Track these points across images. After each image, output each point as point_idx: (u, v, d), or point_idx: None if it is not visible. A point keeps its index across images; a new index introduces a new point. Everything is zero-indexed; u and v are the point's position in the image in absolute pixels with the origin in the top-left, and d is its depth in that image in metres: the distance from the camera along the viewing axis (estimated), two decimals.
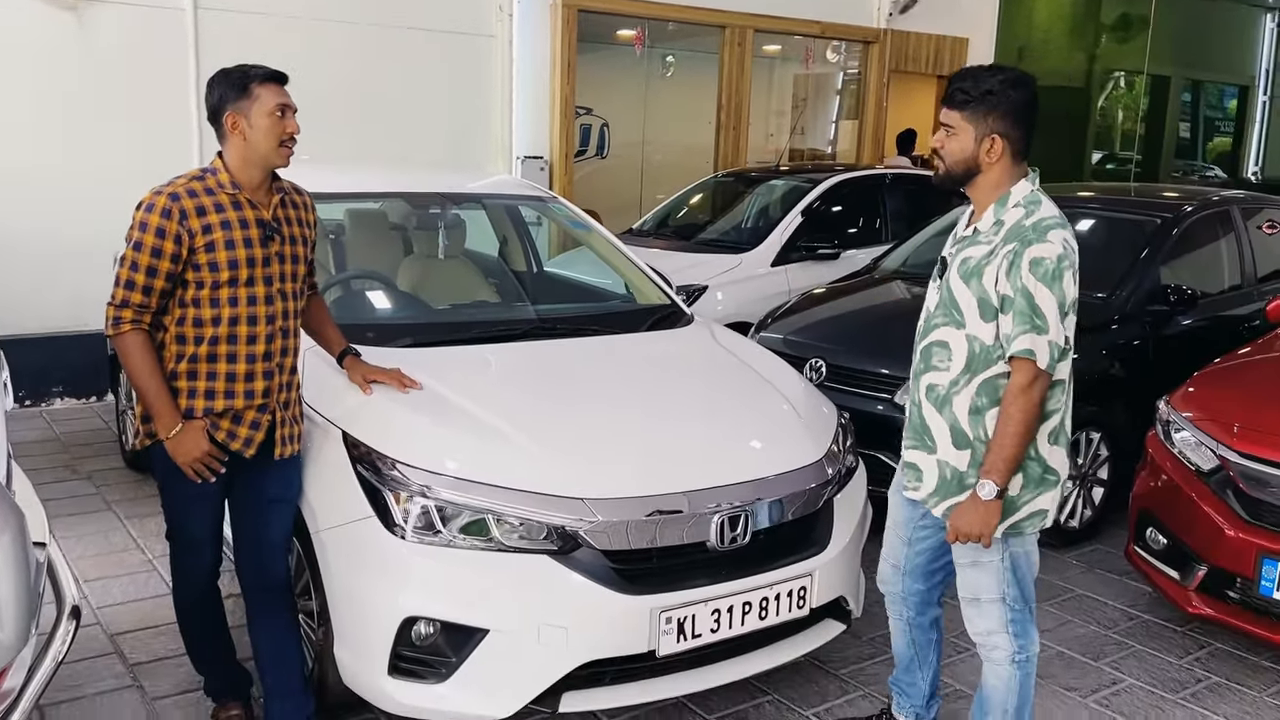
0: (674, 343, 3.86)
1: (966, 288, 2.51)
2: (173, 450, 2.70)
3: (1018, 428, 2.43)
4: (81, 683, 3.33)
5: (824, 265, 6.71)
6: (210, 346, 2.70)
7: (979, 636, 2.73)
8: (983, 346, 2.50)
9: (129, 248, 2.63)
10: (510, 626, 2.67)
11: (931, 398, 2.59)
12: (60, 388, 6.57)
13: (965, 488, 2.55)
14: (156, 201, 2.63)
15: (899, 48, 10.34)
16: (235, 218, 2.68)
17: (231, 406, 2.74)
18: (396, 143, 7.55)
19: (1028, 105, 2.50)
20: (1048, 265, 2.40)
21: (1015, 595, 2.65)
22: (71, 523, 4.65)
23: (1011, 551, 2.61)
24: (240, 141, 2.68)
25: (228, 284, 2.68)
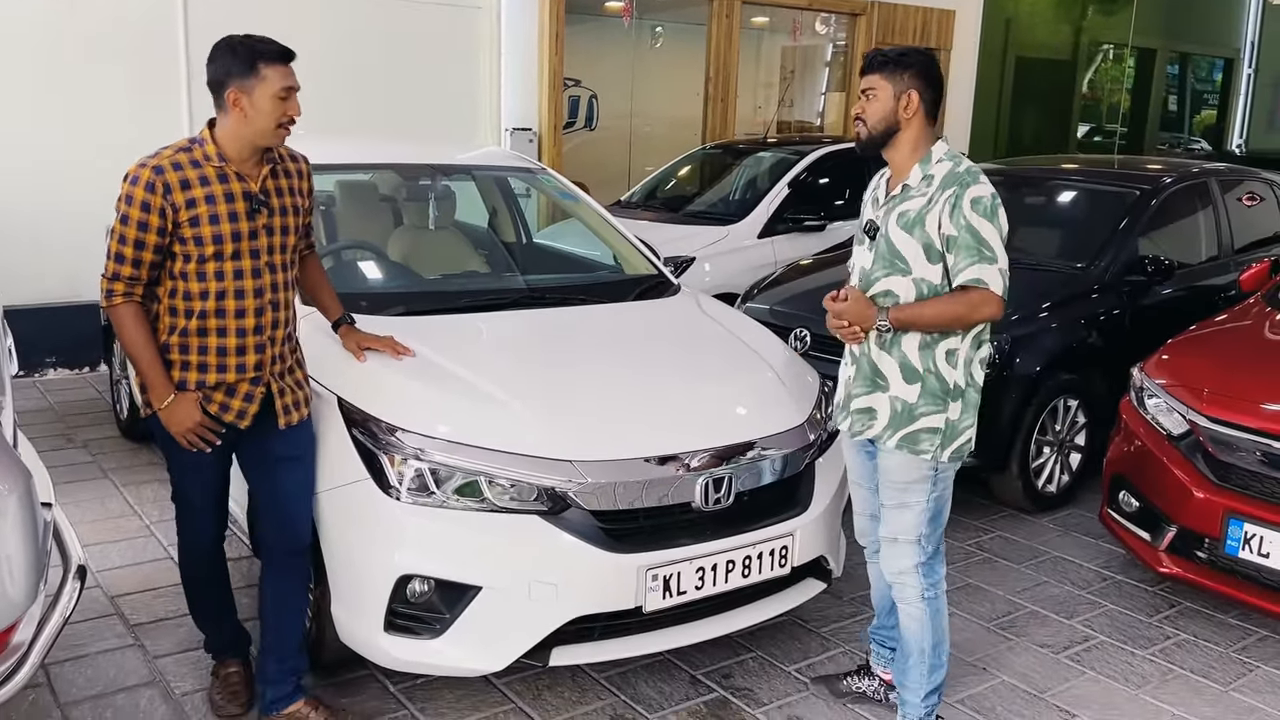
0: (661, 312, 3.94)
1: (910, 237, 2.71)
2: (165, 421, 2.74)
3: (941, 316, 2.68)
4: (84, 642, 3.42)
5: (810, 237, 6.80)
6: (199, 320, 2.71)
7: (892, 576, 2.93)
8: (931, 286, 2.71)
9: (116, 220, 2.65)
10: (502, 584, 2.77)
11: (880, 343, 2.79)
12: (54, 358, 6.63)
13: (914, 418, 2.75)
14: (140, 174, 2.62)
15: (886, 20, 10.37)
16: (221, 191, 2.66)
17: (223, 380, 2.75)
18: (383, 115, 7.57)
19: (935, 71, 2.77)
20: (986, 202, 2.65)
21: (929, 535, 2.86)
22: (69, 490, 4.73)
23: (937, 494, 2.82)
24: (240, 118, 2.64)
25: (213, 258, 2.67)
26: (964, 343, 2.75)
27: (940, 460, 2.77)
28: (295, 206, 2.83)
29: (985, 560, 4.32)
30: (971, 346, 2.76)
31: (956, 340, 2.74)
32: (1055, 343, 4.75)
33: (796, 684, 3.31)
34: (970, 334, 2.75)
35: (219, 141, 2.68)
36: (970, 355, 2.77)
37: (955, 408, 2.75)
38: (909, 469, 2.80)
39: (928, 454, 2.76)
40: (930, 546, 2.86)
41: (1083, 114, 14.50)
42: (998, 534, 4.59)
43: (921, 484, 2.80)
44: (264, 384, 2.80)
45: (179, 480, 2.92)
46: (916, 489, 2.81)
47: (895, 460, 2.81)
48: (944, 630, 2.94)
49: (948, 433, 2.75)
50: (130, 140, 6.40)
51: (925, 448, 2.76)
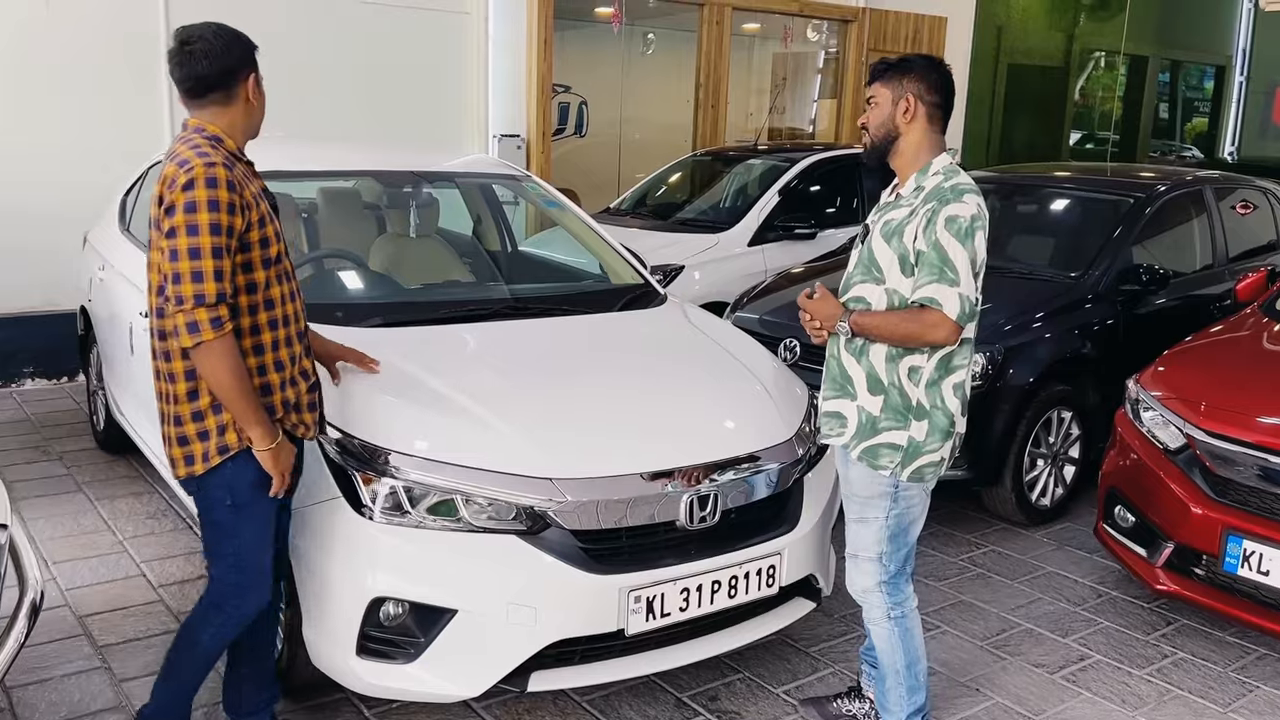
0: (647, 323, 3.85)
1: (887, 246, 2.66)
2: (273, 461, 2.45)
3: (894, 331, 2.62)
4: (49, 664, 3.31)
5: (801, 245, 6.71)
6: (271, 333, 2.47)
7: (856, 594, 2.87)
8: (901, 300, 2.65)
9: (202, 233, 2.28)
10: (479, 607, 2.67)
11: (850, 349, 2.73)
12: (31, 368, 6.50)
13: (876, 431, 2.69)
14: (216, 173, 2.31)
15: (878, 27, 10.32)
16: (258, 188, 2.49)
17: (298, 394, 2.55)
18: (369, 120, 7.48)
19: (941, 77, 2.70)
20: (961, 223, 2.56)
21: (891, 554, 2.79)
22: (41, 504, 4.62)
23: (898, 513, 2.74)
24: (252, 109, 2.50)
25: (275, 261, 2.46)
26: (928, 362, 2.66)
27: (900, 478, 2.70)
28: None
29: (979, 576, 4.23)
30: (938, 368, 2.67)
31: (920, 359, 2.66)
32: (1049, 353, 4.67)
33: (785, 706, 3.22)
34: (937, 355, 2.66)
35: (231, 137, 2.47)
36: (935, 377, 2.67)
37: (919, 428, 2.67)
38: (868, 483, 2.74)
39: (886, 470, 2.70)
40: (893, 565, 2.79)
41: (1075, 121, 14.48)
42: (991, 548, 4.51)
43: (880, 500, 2.74)
44: (319, 389, 2.67)
45: (249, 540, 2.54)
46: (875, 504, 2.75)
47: (856, 472, 2.77)
48: (918, 650, 2.87)
49: (909, 451, 2.68)
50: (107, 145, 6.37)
51: (884, 463, 2.69)
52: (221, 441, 2.44)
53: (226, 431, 2.44)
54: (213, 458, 2.45)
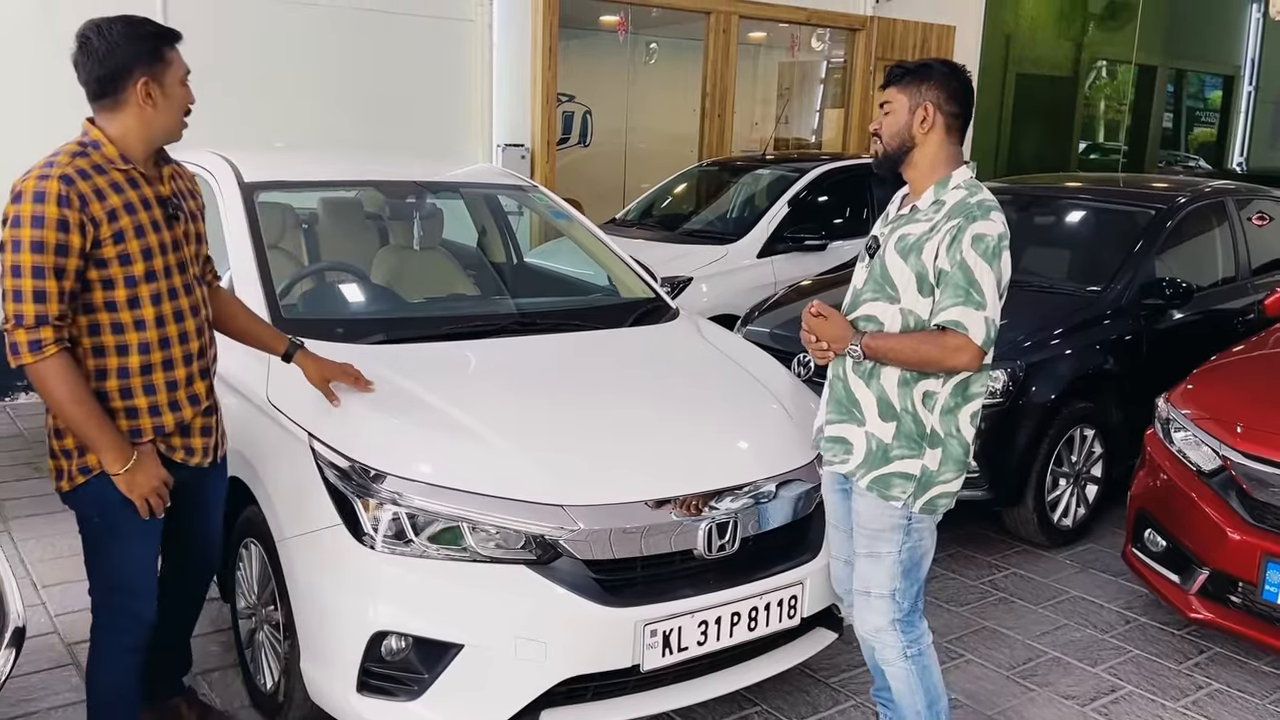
0: (659, 339, 3.71)
1: (904, 263, 2.50)
2: (128, 485, 2.32)
3: (912, 355, 2.46)
4: (36, 696, 3.17)
5: (811, 256, 6.59)
6: (142, 356, 2.33)
7: (867, 634, 2.71)
8: (918, 321, 2.50)
9: (23, 251, 2.14)
10: (486, 641, 2.52)
11: (859, 371, 2.58)
12: (24, 381, 6.34)
13: (888, 460, 2.54)
14: (48, 188, 2.17)
15: (885, 35, 10.21)
16: (135, 198, 2.30)
17: (180, 419, 2.42)
18: (372, 129, 7.35)
19: (960, 86, 2.55)
20: (989, 242, 2.42)
21: (905, 590, 2.64)
22: (32, 524, 4.47)
23: (910, 546, 2.59)
24: (149, 112, 2.30)
25: (144, 279, 2.30)
26: (944, 388, 2.51)
27: (912, 509, 2.55)
28: (198, 214, 2.55)
29: (1001, 600, 4.08)
30: (954, 395, 2.52)
31: (936, 383, 2.51)
32: (1070, 369, 4.53)
33: None
34: (953, 380, 2.51)
35: (117, 142, 2.31)
36: (951, 404, 2.52)
37: (933, 456, 2.52)
38: (880, 515, 2.58)
39: (899, 501, 2.54)
40: (906, 602, 2.63)
41: (1083, 131, 14.36)
42: (1013, 571, 4.36)
43: (892, 533, 2.58)
44: (214, 411, 2.57)
45: (120, 559, 2.44)
46: (887, 538, 2.59)
47: (866, 503, 2.60)
48: (937, 686, 2.71)
49: (923, 480, 2.53)
50: None
51: (897, 494, 2.54)
52: (82, 462, 2.36)
53: (86, 452, 2.34)
54: (75, 477, 2.37)
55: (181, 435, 2.47)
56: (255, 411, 3.00)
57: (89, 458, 2.34)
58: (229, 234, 3.49)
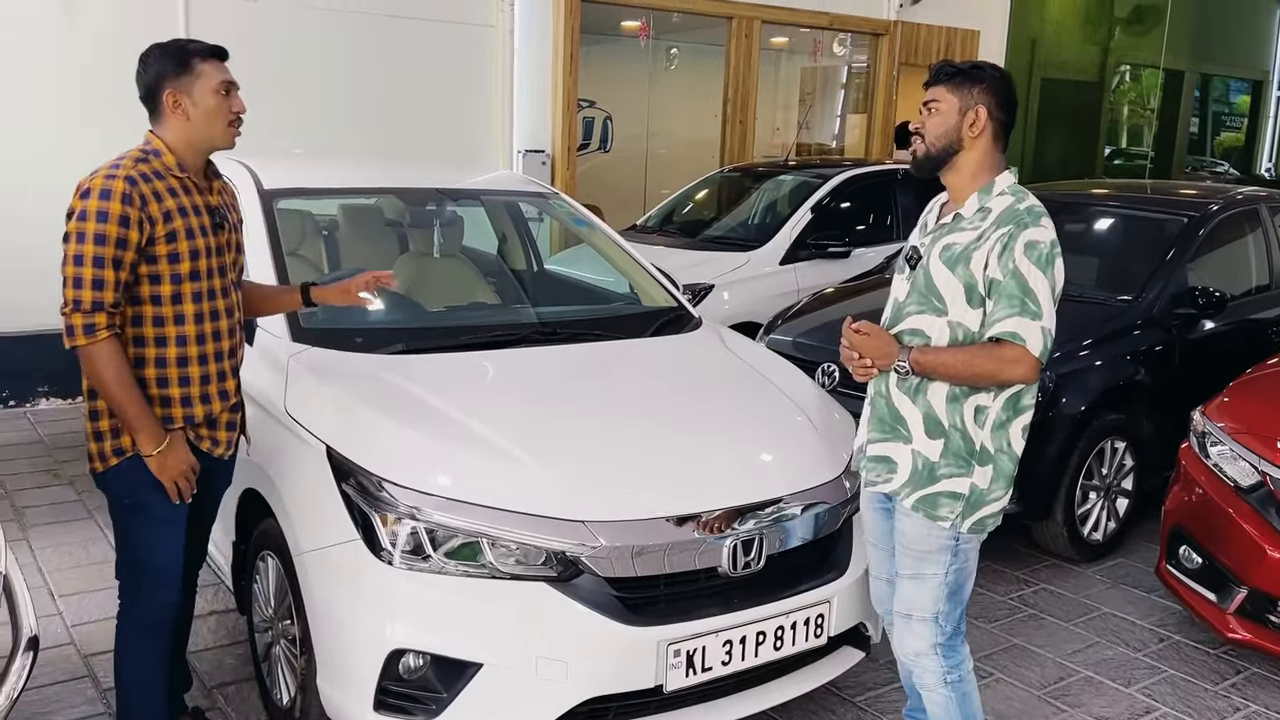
0: (682, 349, 3.65)
1: (951, 274, 2.41)
2: (160, 467, 2.47)
3: (966, 369, 2.37)
4: (51, 709, 3.13)
5: (834, 264, 6.51)
6: (179, 348, 2.49)
7: (907, 658, 2.63)
8: (968, 333, 2.41)
9: (87, 242, 2.34)
10: (505, 660, 2.46)
11: (904, 387, 2.49)
12: (45, 387, 6.37)
13: (935, 479, 2.45)
14: (114, 186, 2.36)
15: (909, 40, 10.13)
16: (188, 203, 2.49)
17: (209, 411, 2.57)
18: (393, 135, 7.33)
19: (1009, 91, 2.48)
20: (1042, 249, 2.33)
21: (948, 614, 2.55)
22: (51, 532, 4.45)
23: (957, 567, 2.51)
24: (183, 122, 2.48)
25: (189, 278, 2.47)
26: (995, 402, 2.42)
27: (960, 530, 2.46)
28: (237, 226, 2.74)
29: (1031, 617, 3.99)
30: (1006, 408, 2.43)
31: (988, 398, 2.42)
32: (1101, 380, 4.44)
33: None
34: (1005, 393, 2.42)
35: (173, 150, 2.49)
36: (1003, 418, 2.43)
37: (982, 474, 2.44)
38: (926, 536, 2.50)
39: (946, 521, 2.46)
40: (949, 626, 2.55)
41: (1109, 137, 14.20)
42: (1042, 586, 4.27)
43: (939, 555, 2.49)
44: (240, 408, 2.70)
45: (147, 542, 2.59)
46: (934, 560, 2.50)
47: (912, 524, 2.51)
48: (977, 715, 2.63)
49: (972, 500, 2.44)
50: None
51: (944, 514, 2.46)
52: (116, 443, 2.50)
53: (121, 434, 2.48)
54: (109, 458, 2.51)
55: (209, 427, 2.61)
56: (273, 422, 2.96)
57: (123, 439, 2.48)
58: (248, 241, 3.44)
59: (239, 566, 3.22)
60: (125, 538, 2.62)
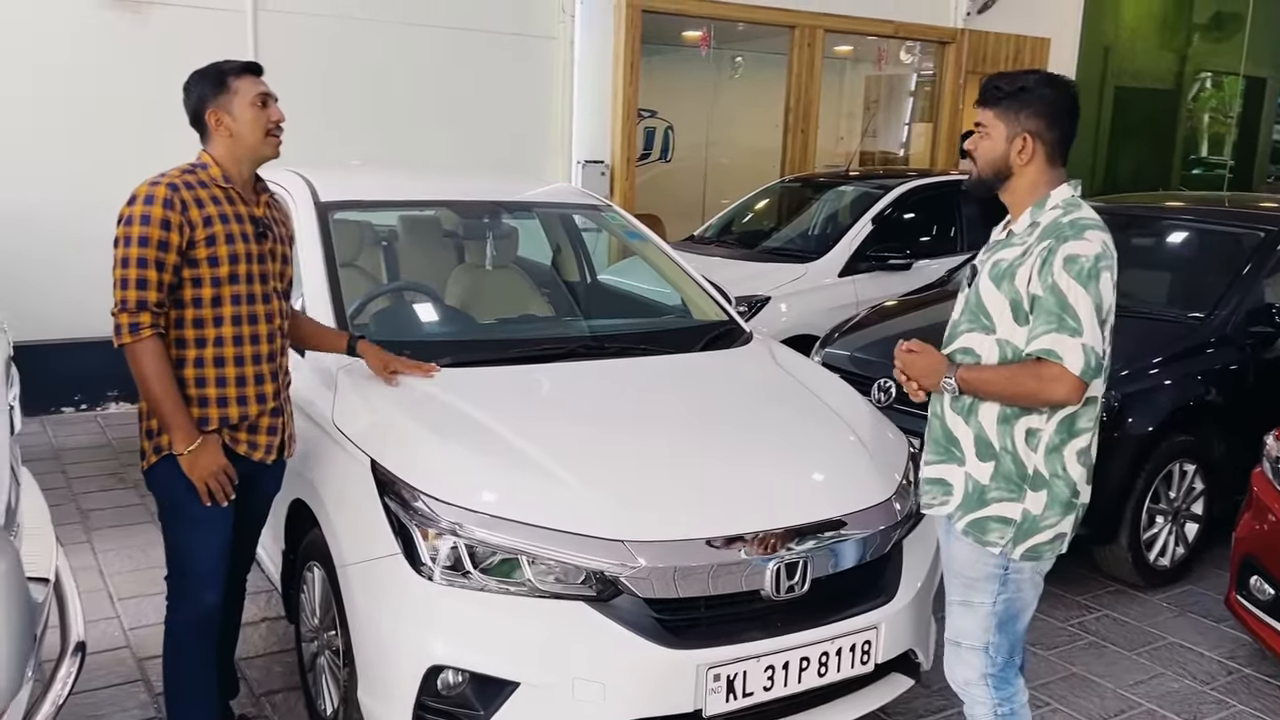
0: (730, 364, 3.60)
1: (998, 291, 2.35)
2: (190, 466, 2.54)
3: (1005, 387, 2.31)
4: (104, 712, 3.19)
5: (895, 276, 6.41)
6: (217, 349, 2.58)
7: (957, 687, 2.55)
8: (1015, 351, 2.33)
9: (132, 245, 2.46)
10: (543, 680, 2.44)
11: (957, 407, 2.42)
12: (115, 392, 6.53)
13: (985, 503, 2.38)
14: (156, 192, 2.49)
15: (977, 48, 9.94)
16: (230, 212, 2.59)
17: (245, 414, 2.63)
18: (453, 147, 7.40)
19: (1065, 106, 2.36)
20: (1083, 263, 2.23)
21: (998, 645, 2.46)
22: (113, 535, 4.56)
23: (1007, 597, 2.42)
24: (226, 138, 2.60)
25: (228, 281, 2.56)
26: (1048, 424, 2.33)
27: (1011, 557, 2.38)
28: (288, 240, 2.83)
29: (1091, 645, 3.86)
30: (1060, 431, 2.33)
31: (1039, 420, 2.33)
32: (1170, 401, 4.29)
33: None
34: (1058, 415, 2.33)
35: (219, 163, 2.62)
36: (1057, 441, 2.34)
37: (1035, 499, 2.34)
38: (975, 562, 2.42)
39: (996, 547, 2.38)
40: (1000, 656, 2.46)
41: (1186, 146, 13.77)
42: (1104, 613, 4.13)
43: (987, 582, 2.41)
44: (281, 413, 2.73)
45: (186, 543, 2.67)
46: (982, 587, 2.42)
47: (961, 548, 2.44)
48: None
49: (1024, 526, 2.35)
50: None
51: (994, 539, 2.37)
52: (157, 442, 2.58)
53: (162, 433, 2.56)
54: (150, 456, 2.60)
55: (248, 431, 2.66)
56: (320, 434, 2.99)
57: (162, 438, 2.57)
58: (303, 252, 3.49)
59: (288, 576, 3.25)
60: (168, 539, 2.70)
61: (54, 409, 6.39)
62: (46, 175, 6.23)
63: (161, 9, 6.44)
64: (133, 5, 6.35)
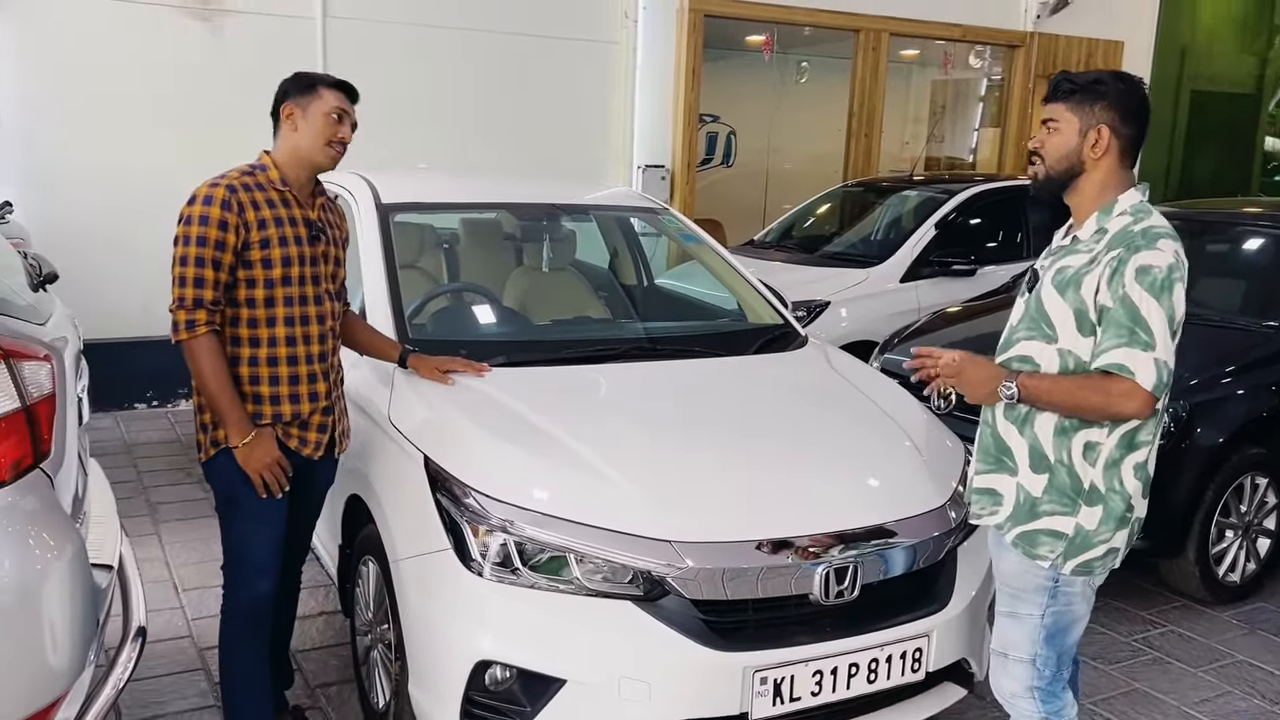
0: (785, 367, 3.58)
1: (1061, 299, 2.28)
2: (244, 459, 2.62)
3: (1070, 399, 2.23)
4: (165, 699, 3.28)
5: (958, 282, 6.31)
6: (270, 349, 2.65)
7: (1004, 699, 2.49)
8: (1079, 362, 2.27)
9: (190, 244, 2.54)
10: (589, 678, 2.45)
11: (1011, 416, 2.35)
12: (185, 389, 6.69)
13: (1036, 515, 2.33)
14: (215, 193, 2.57)
15: (1047, 51, 9.76)
16: (285, 214, 2.66)
17: (298, 411, 2.70)
18: (515, 151, 7.48)
19: (1138, 104, 2.30)
20: (1156, 274, 2.16)
21: (1046, 658, 2.40)
22: (178, 528, 4.68)
23: (1056, 610, 2.36)
24: (290, 132, 2.67)
25: (281, 282, 2.64)
26: (1109, 438, 2.26)
27: (1061, 571, 2.32)
28: (342, 242, 2.88)
29: (1155, 661, 3.76)
30: (1120, 446, 2.27)
31: (1100, 433, 2.26)
32: (1242, 411, 4.16)
33: None
34: (1120, 429, 2.26)
35: (279, 166, 2.69)
36: (1116, 456, 2.27)
37: (1090, 514, 2.28)
38: (1023, 574, 2.37)
39: (1045, 560, 2.32)
40: (1048, 670, 2.40)
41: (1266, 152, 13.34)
42: (1170, 629, 4.01)
43: (1035, 595, 2.36)
44: (332, 411, 2.79)
45: (241, 533, 2.75)
46: (1029, 600, 2.37)
47: (1010, 560, 2.39)
48: None
49: (1076, 541, 2.29)
50: None
51: (1043, 553, 2.32)
52: (214, 435, 2.66)
53: (219, 427, 2.64)
54: (208, 449, 2.68)
55: (299, 427, 2.73)
56: (376, 430, 3.04)
57: (218, 432, 2.65)
58: (364, 253, 3.56)
59: (344, 570, 3.30)
60: (224, 530, 2.79)
61: (127, 405, 6.58)
62: (121, 177, 6.43)
63: (235, 17, 6.62)
64: (206, 13, 6.53)
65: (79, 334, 3.09)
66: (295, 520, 2.86)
